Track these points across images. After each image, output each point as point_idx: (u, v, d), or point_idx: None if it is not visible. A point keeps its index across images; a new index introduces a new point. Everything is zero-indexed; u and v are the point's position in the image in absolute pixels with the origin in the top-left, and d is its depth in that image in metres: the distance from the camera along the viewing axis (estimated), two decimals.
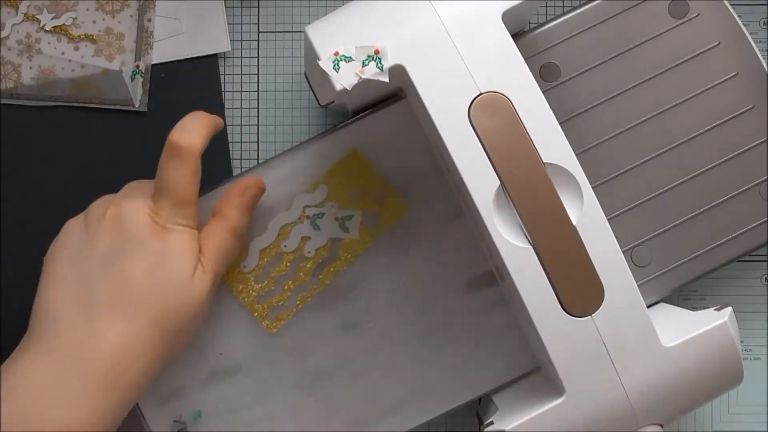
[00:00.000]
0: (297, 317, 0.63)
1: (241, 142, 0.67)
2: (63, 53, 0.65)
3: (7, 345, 0.65)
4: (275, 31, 0.67)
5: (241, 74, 0.67)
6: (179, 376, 0.62)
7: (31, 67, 0.65)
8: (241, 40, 0.67)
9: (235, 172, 0.66)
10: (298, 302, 0.63)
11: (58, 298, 0.57)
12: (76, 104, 0.66)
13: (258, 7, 0.67)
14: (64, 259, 0.57)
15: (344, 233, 0.62)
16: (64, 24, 0.65)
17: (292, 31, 0.67)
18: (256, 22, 0.67)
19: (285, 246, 0.62)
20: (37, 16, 0.65)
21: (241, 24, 0.67)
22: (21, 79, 0.65)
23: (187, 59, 0.66)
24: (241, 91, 0.67)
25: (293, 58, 0.67)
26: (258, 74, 0.67)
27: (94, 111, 0.66)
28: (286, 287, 0.63)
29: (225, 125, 0.66)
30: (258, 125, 0.67)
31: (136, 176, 0.66)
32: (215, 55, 0.67)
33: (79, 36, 0.65)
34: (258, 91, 0.67)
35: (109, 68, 0.65)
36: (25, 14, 0.65)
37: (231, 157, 0.66)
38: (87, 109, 0.66)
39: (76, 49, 0.65)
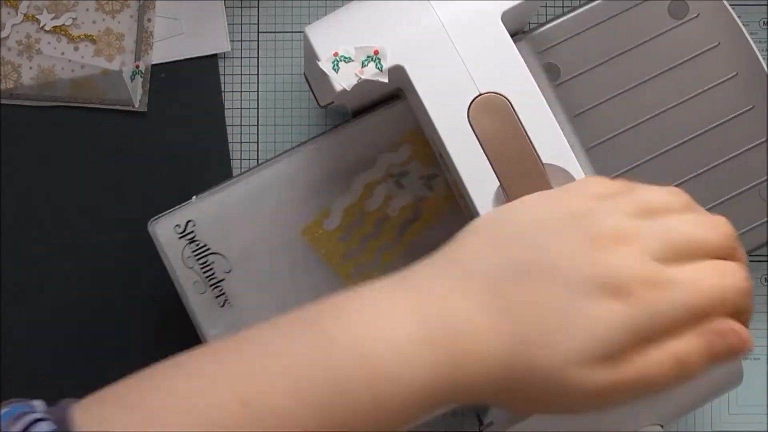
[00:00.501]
0: (383, 276, 0.62)
1: (241, 142, 0.67)
2: (63, 53, 0.65)
3: (7, 345, 0.65)
4: (275, 32, 0.67)
5: (241, 74, 0.67)
6: None
7: (31, 67, 0.65)
8: (241, 41, 0.67)
9: (235, 172, 0.66)
10: (384, 261, 0.62)
11: None
12: (76, 104, 0.66)
13: (258, 7, 0.67)
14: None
15: (429, 192, 0.62)
16: (64, 24, 0.65)
17: (292, 32, 0.67)
18: (256, 22, 0.67)
19: (369, 205, 0.62)
20: (37, 17, 0.65)
21: (241, 24, 0.67)
22: (21, 79, 0.65)
23: (187, 59, 0.66)
24: (241, 91, 0.67)
25: (293, 58, 0.67)
26: (258, 74, 0.67)
27: (94, 111, 0.66)
28: (370, 246, 0.62)
29: (225, 125, 0.67)
30: (258, 125, 0.67)
31: (136, 176, 0.66)
32: (215, 55, 0.67)
33: (79, 36, 0.65)
34: (258, 91, 0.67)
35: (109, 68, 0.65)
36: (25, 14, 0.65)
37: (231, 157, 0.66)
38: (87, 109, 0.66)
39: (76, 49, 0.65)
